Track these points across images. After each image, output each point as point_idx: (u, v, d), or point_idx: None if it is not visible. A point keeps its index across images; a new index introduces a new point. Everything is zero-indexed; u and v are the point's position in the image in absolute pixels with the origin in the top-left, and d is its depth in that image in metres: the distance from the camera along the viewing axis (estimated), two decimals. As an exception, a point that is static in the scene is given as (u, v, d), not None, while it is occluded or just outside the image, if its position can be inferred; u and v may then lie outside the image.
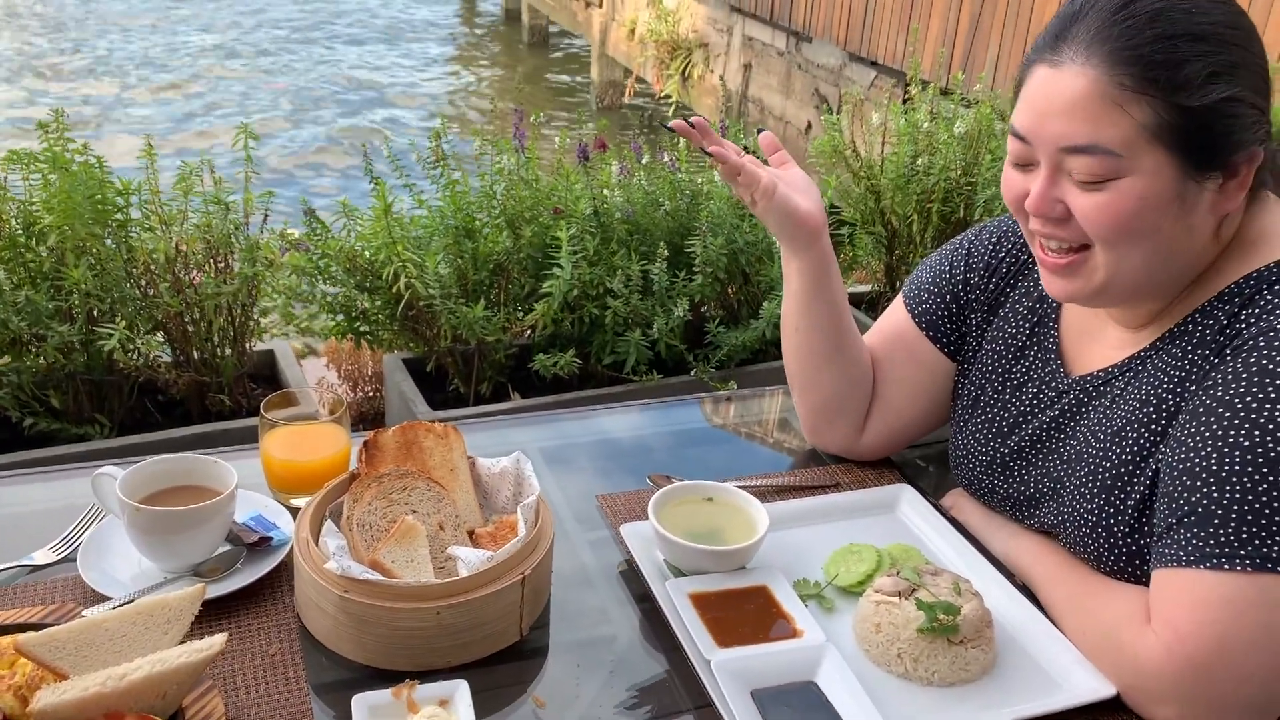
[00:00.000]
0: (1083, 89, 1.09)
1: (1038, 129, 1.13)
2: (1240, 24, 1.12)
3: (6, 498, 1.46)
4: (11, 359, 2.21)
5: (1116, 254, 1.13)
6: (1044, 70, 1.13)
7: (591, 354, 2.71)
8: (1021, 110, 1.16)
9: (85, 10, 13.58)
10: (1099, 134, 1.08)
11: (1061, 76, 1.11)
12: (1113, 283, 1.16)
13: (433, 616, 1.12)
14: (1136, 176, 1.09)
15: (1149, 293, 1.19)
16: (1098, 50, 1.09)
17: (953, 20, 5.81)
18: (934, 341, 1.48)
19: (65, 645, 1.01)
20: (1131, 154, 1.08)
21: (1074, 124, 1.10)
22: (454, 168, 2.63)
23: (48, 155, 2.25)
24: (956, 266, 1.47)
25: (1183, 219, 1.12)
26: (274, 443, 1.37)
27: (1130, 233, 1.11)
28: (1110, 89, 1.08)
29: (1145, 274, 1.15)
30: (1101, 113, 1.08)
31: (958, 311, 1.47)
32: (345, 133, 9.46)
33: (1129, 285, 1.17)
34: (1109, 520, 1.21)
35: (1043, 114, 1.13)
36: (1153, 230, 1.11)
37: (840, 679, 1.13)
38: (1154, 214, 1.10)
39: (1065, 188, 1.13)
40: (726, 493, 1.37)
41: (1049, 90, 1.12)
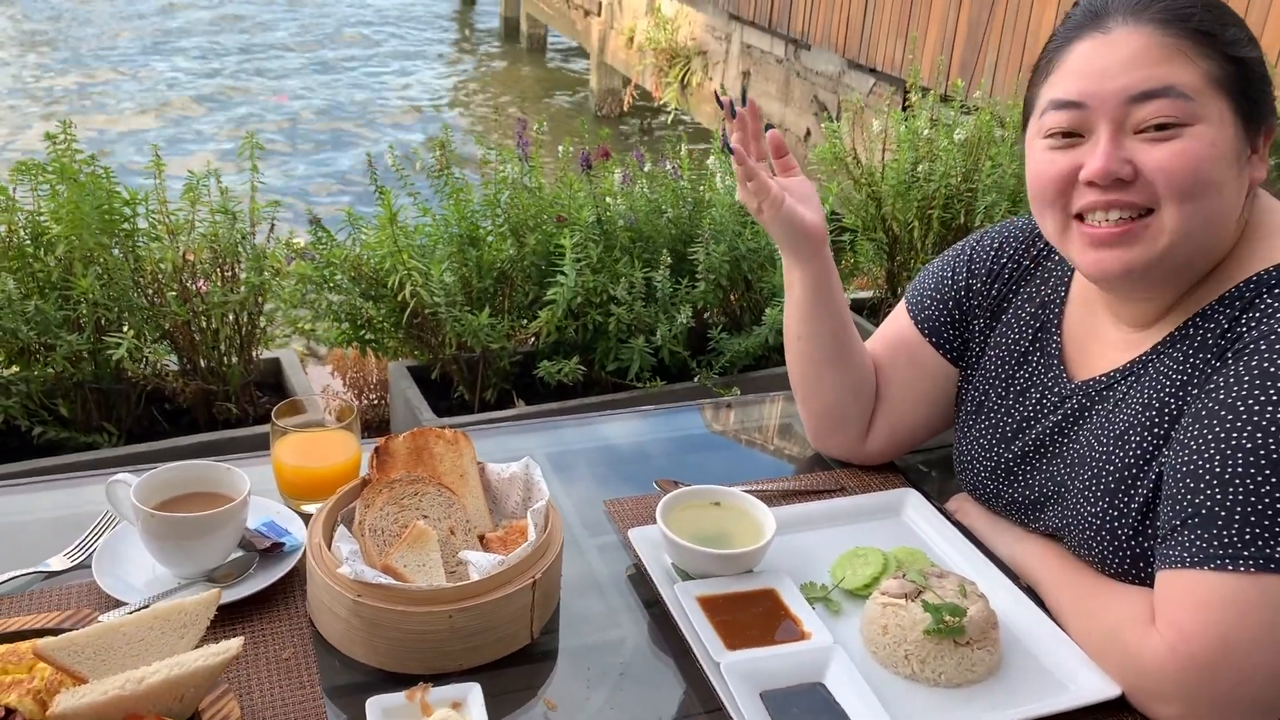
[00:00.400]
0: (1143, 41, 1.11)
1: (1097, 87, 1.13)
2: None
3: (18, 505, 1.47)
4: (20, 368, 2.23)
5: (1185, 212, 1.12)
6: (1091, 39, 1.14)
7: (595, 361, 2.73)
8: (1068, 78, 1.16)
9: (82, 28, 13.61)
10: (1169, 77, 1.10)
11: (1113, 38, 1.13)
12: (1174, 248, 1.14)
13: (445, 620, 1.13)
14: (1207, 124, 1.11)
15: (1182, 273, 1.18)
16: (1145, 15, 1.12)
17: (950, 27, 5.84)
18: (936, 347, 1.49)
19: (84, 649, 1.03)
20: (1201, 99, 1.10)
21: (1142, 70, 1.11)
22: (458, 177, 2.64)
23: (55, 166, 2.27)
24: (959, 273, 1.48)
25: (1240, 181, 1.14)
26: (285, 449, 1.39)
27: (1204, 184, 1.11)
28: (1170, 39, 1.11)
29: (1203, 239, 1.15)
30: (1167, 58, 1.10)
31: (960, 318, 1.48)
32: (350, 143, 9.50)
33: (1187, 252, 1.15)
34: (1113, 523, 1.22)
35: (1101, 73, 1.13)
36: (1220, 185, 1.12)
37: (848, 680, 1.14)
38: (1223, 166, 1.12)
39: (1130, 146, 1.13)
40: (733, 497, 1.38)
41: (1103, 51, 1.13)
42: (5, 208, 2.23)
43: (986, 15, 5.59)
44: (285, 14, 15.16)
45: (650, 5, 9.77)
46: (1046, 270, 1.42)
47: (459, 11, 16.18)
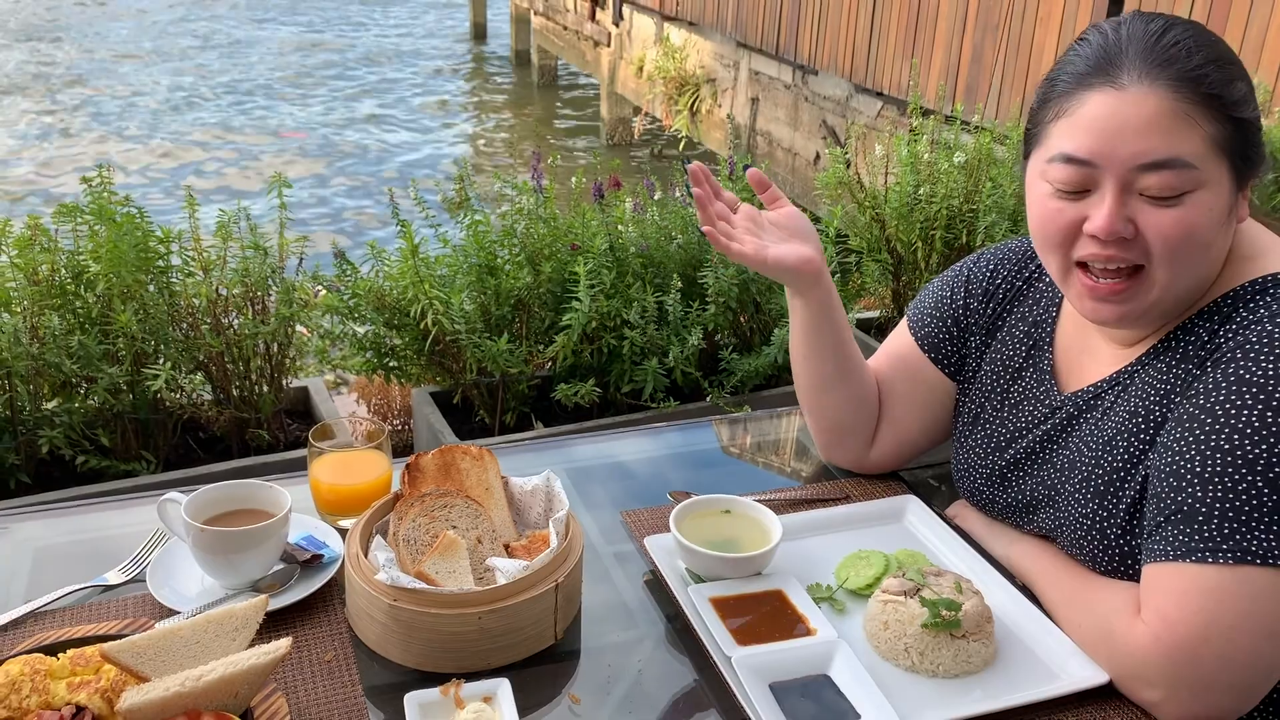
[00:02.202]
0: (1154, 107, 1.14)
1: (1109, 150, 1.16)
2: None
3: (73, 526, 1.57)
4: (63, 400, 2.34)
5: (1174, 270, 1.18)
6: (1105, 93, 1.17)
7: (610, 383, 2.81)
8: (1081, 135, 1.18)
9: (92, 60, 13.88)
10: (1177, 147, 1.14)
11: (1127, 98, 1.15)
12: (1163, 299, 1.21)
13: (475, 621, 1.21)
14: (1207, 189, 1.16)
15: (1176, 309, 1.26)
16: (1159, 74, 1.15)
17: (955, 51, 5.95)
18: (935, 363, 1.57)
19: (145, 651, 1.12)
20: (1204, 166, 1.15)
21: (1151, 140, 1.14)
22: (476, 208, 2.75)
23: (93, 208, 2.38)
24: (957, 292, 1.56)
25: (1227, 231, 1.21)
26: (322, 469, 1.48)
27: (1197, 247, 1.18)
28: (1179, 105, 1.14)
29: (1188, 288, 1.22)
30: (1176, 128, 1.14)
31: (958, 335, 1.56)
32: (366, 178, 9.69)
33: (1174, 301, 1.23)
34: (1103, 523, 1.29)
35: (1113, 134, 1.16)
36: (1210, 243, 1.19)
37: (852, 672, 1.21)
38: (1217, 225, 1.18)
39: (1134, 205, 1.17)
40: (743, 505, 1.47)
41: (1114, 111, 1.16)
42: (48, 248, 2.35)
43: (990, 39, 5.70)
44: (294, 50, 15.42)
45: (659, 35, 9.93)
46: (1039, 291, 1.50)
47: (470, 45, 16.43)
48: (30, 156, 9.94)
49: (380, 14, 18.39)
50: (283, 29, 16.69)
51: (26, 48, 14.66)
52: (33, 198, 8.70)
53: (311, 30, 16.72)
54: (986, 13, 5.71)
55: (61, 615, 1.32)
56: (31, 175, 9.40)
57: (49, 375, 2.30)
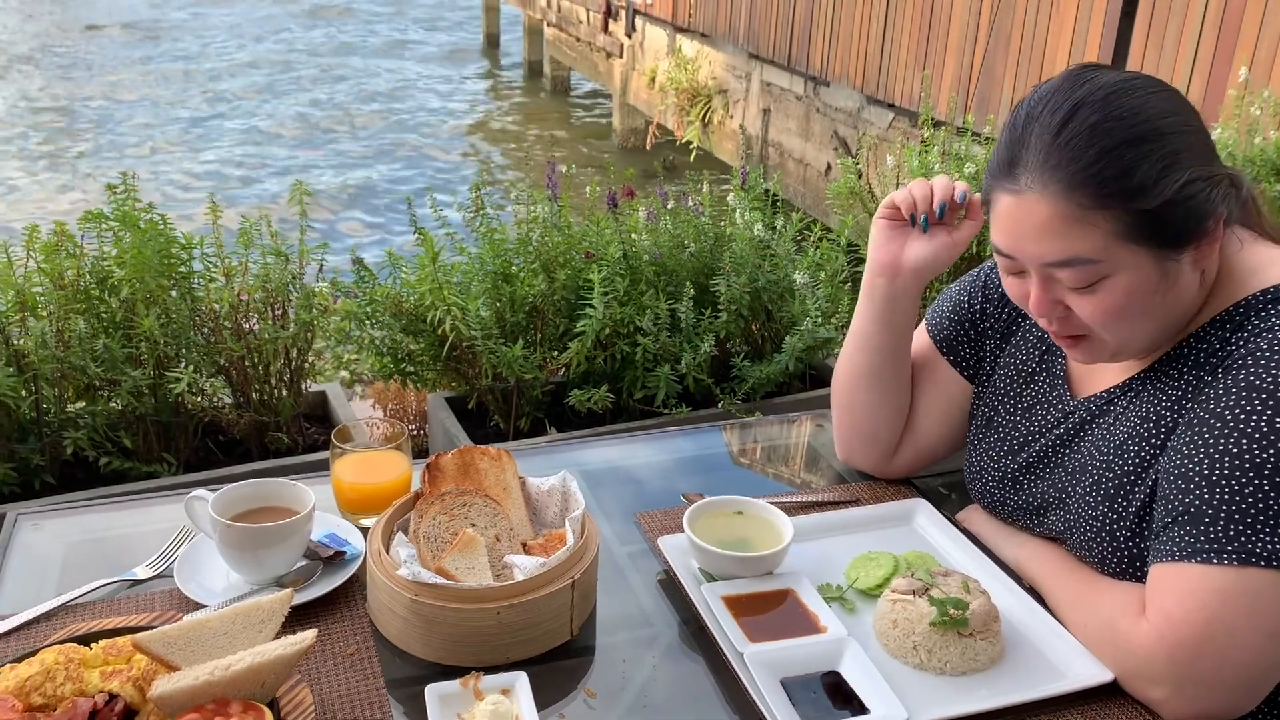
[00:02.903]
0: (1046, 213, 1.19)
1: (1019, 248, 1.24)
2: (1171, 108, 1.20)
3: (100, 524, 1.61)
4: (87, 403, 2.39)
5: (1119, 335, 1.25)
6: (1007, 198, 1.23)
7: (623, 389, 2.85)
8: (997, 232, 1.26)
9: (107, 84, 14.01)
10: (1073, 248, 1.19)
11: (1023, 203, 1.21)
12: (1124, 349, 1.28)
13: (493, 616, 1.25)
14: (1120, 274, 1.20)
15: (1160, 342, 1.31)
16: (1051, 177, 1.18)
17: (966, 63, 5.98)
18: (954, 365, 1.61)
19: (176, 641, 1.15)
20: (1109, 256, 1.19)
21: (1047, 243, 1.20)
22: (492, 217, 2.79)
23: (118, 215, 2.43)
24: (974, 296, 1.60)
25: (1172, 290, 1.23)
26: (344, 468, 1.52)
27: (1130, 317, 1.23)
28: (1071, 209, 1.17)
29: (1151, 335, 1.27)
30: (1069, 230, 1.18)
31: (975, 337, 1.59)
32: (381, 185, 9.77)
33: (1138, 348, 1.29)
34: (1112, 526, 1.32)
35: (1017, 237, 1.23)
36: (1147, 309, 1.23)
37: (861, 668, 1.24)
38: (1145, 297, 1.22)
39: (1060, 291, 1.24)
40: (755, 506, 1.50)
41: (1016, 216, 1.22)
42: (74, 254, 2.40)
43: (1002, 51, 5.73)
44: (308, 63, 15.53)
45: (671, 46, 9.99)
46: None
47: (483, 54, 16.54)
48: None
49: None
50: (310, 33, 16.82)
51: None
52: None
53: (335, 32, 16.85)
54: (999, 24, 5.74)
55: (92, 608, 1.36)
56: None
57: (73, 378, 2.34)
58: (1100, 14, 5.13)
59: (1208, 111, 4.30)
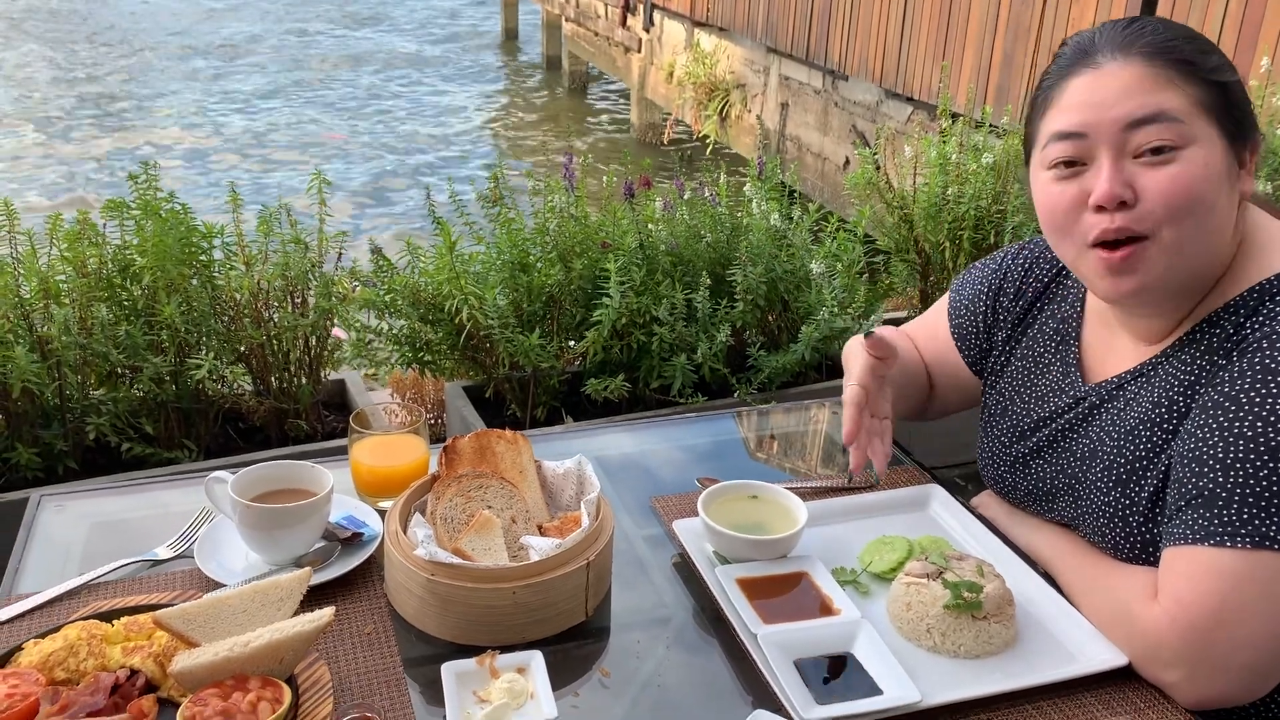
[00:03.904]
0: (1133, 73, 1.22)
1: (1095, 118, 1.22)
2: None
3: (122, 505, 1.63)
4: (109, 389, 2.41)
5: (1182, 232, 1.21)
6: (1084, 75, 1.25)
7: (640, 378, 2.86)
8: (1067, 111, 1.25)
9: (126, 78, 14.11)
10: (1160, 103, 1.20)
11: (1105, 72, 1.23)
12: (1172, 269, 1.23)
13: (509, 596, 1.26)
14: (1198, 145, 1.20)
15: (1184, 291, 1.28)
16: (1134, 49, 1.23)
17: (986, 55, 5.95)
18: (960, 352, 1.63)
19: (196, 618, 1.17)
20: (1190, 121, 1.20)
21: (1135, 99, 1.21)
22: (510, 206, 2.81)
23: (140, 203, 2.46)
24: (991, 287, 1.60)
25: (1230, 196, 1.24)
26: (362, 451, 1.53)
27: (1200, 204, 1.20)
28: (1157, 70, 1.21)
29: (1197, 258, 1.24)
30: (1158, 87, 1.21)
31: (984, 330, 1.60)
32: (403, 178, 9.82)
33: (1184, 272, 1.25)
34: (1125, 511, 1.32)
35: (1099, 103, 1.22)
36: (1214, 204, 1.21)
37: (875, 650, 1.25)
38: (1217, 184, 1.21)
39: (1131, 170, 1.22)
40: (769, 491, 1.50)
41: (1098, 84, 1.23)
42: (96, 243, 2.42)
43: (1021, 43, 5.69)
44: (321, 52, 15.59)
45: (689, 40, 9.98)
46: (1065, 288, 1.53)
47: (501, 49, 16.56)
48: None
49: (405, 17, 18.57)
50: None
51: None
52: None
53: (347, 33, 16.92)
54: (1018, 17, 5.70)
55: (114, 587, 1.38)
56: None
57: (96, 365, 2.37)
58: (1121, 5, 5.10)
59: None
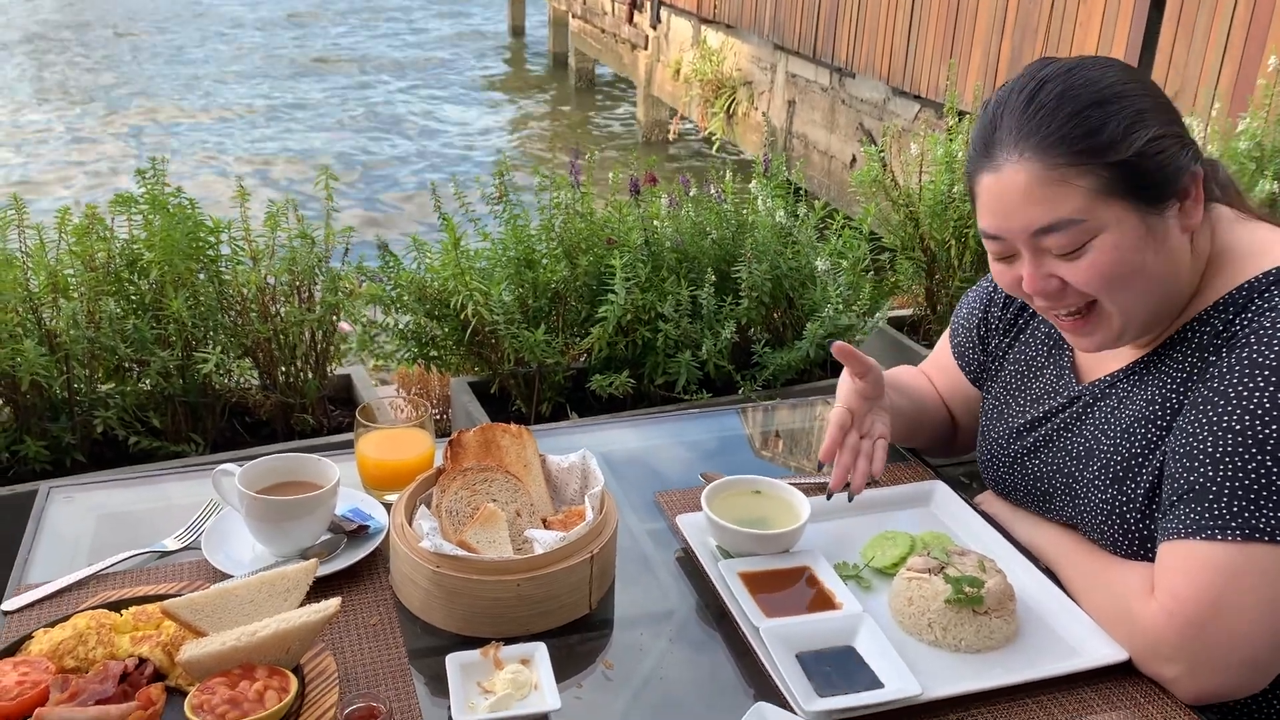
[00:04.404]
0: (1025, 180, 1.22)
1: (1005, 225, 1.26)
2: (1131, 76, 1.26)
3: (130, 498, 1.65)
4: (117, 383, 2.43)
5: (1119, 299, 1.26)
6: (987, 177, 1.26)
7: (644, 375, 2.86)
8: (983, 214, 1.29)
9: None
10: (1057, 210, 1.21)
11: (1002, 177, 1.24)
12: (1128, 323, 1.28)
13: (513, 588, 1.27)
14: (1106, 232, 1.22)
15: (1160, 318, 1.31)
16: (1025, 144, 1.22)
17: (993, 54, 5.94)
18: (962, 370, 1.68)
19: (203, 608, 1.18)
20: (1092, 215, 1.21)
21: (1032, 210, 1.22)
22: (515, 203, 2.81)
23: (148, 198, 2.47)
24: (983, 301, 1.65)
25: (1161, 249, 1.24)
26: (368, 445, 1.55)
27: (1121, 279, 1.24)
28: (1049, 172, 1.21)
29: (1151, 305, 1.28)
30: (1051, 193, 1.21)
31: (980, 341, 1.65)
32: (403, 172, 9.84)
33: (1142, 319, 1.29)
34: (1121, 508, 1.33)
35: (1003, 211, 1.25)
36: (1140, 268, 1.24)
37: (876, 643, 1.25)
38: (1135, 255, 1.23)
39: (1051, 263, 1.26)
40: (772, 486, 1.51)
41: (998, 190, 1.25)
42: (104, 237, 2.44)
43: (1029, 42, 5.69)
44: (330, 48, 15.60)
45: (696, 37, 9.98)
46: None
47: (508, 46, 16.57)
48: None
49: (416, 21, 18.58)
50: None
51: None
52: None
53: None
54: (1025, 15, 5.70)
55: (122, 578, 1.39)
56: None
57: (104, 358, 2.38)
58: (1129, 3, 5.09)
59: (1237, 101, 4.26)
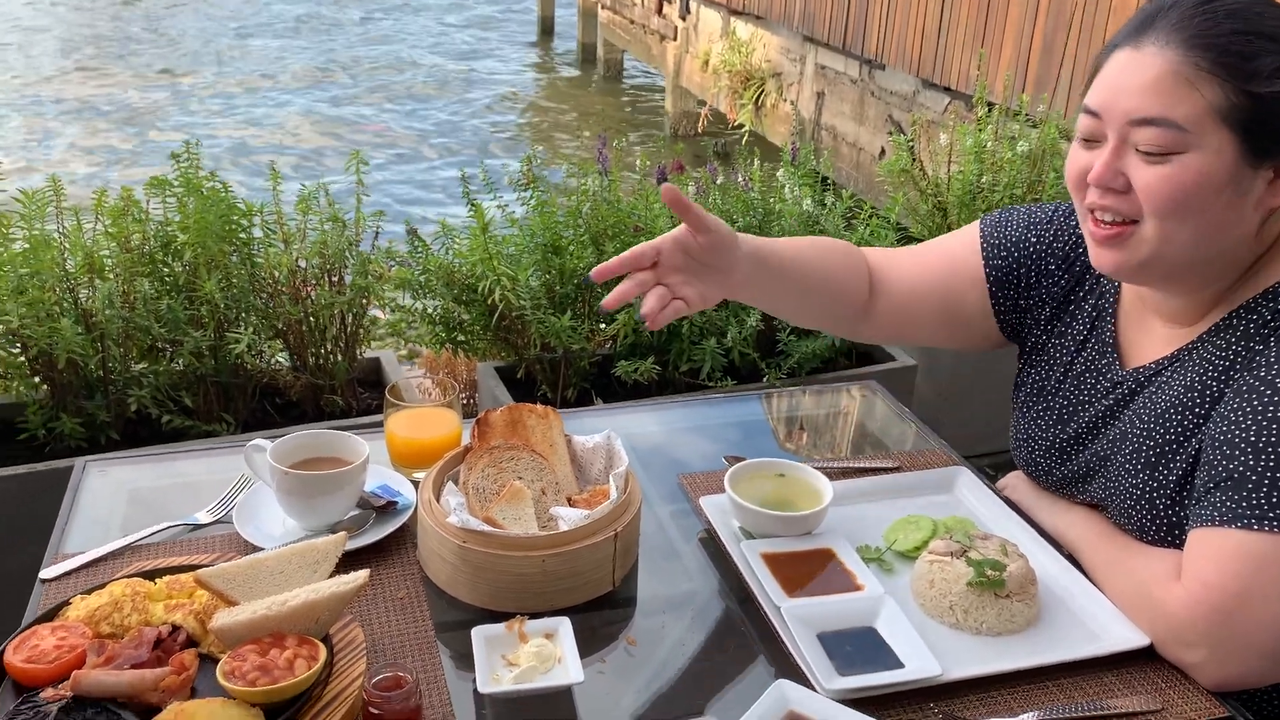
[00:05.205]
0: (1159, 66, 1.19)
1: (1111, 103, 1.23)
2: None
3: (163, 472, 1.68)
4: (150, 363, 2.47)
5: (1165, 229, 1.22)
6: (1125, 53, 1.23)
7: (669, 362, 2.87)
8: (1096, 88, 1.26)
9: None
10: (1169, 108, 1.18)
11: (1140, 56, 1.21)
12: (1157, 258, 1.25)
13: (539, 564, 1.29)
14: (1199, 153, 1.19)
15: (1186, 277, 1.29)
16: (1177, 35, 1.19)
17: (1025, 44, 5.89)
18: (992, 297, 1.54)
19: (235, 578, 1.20)
20: (1198, 130, 1.18)
21: (1146, 98, 1.20)
22: (543, 190, 2.83)
23: (182, 181, 2.51)
24: (1042, 240, 1.52)
25: (1233, 205, 1.21)
26: (398, 423, 1.57)
27: (1183, 207, 1.20)
28: (1185, 68, 1.18)
29: (1188, 254, 1.25)
30: (1174, 89, 1.18)
31: (1025, 289, 1.53)
32: (433, 158, 9.90)
33: (1171, 263, 1.26)
34: (1152, 494, 1.32)
35: (1118, 90, 1.22)
36: (1203, 209, 1.21)
37: (897, 625, 1.26)
38: (1208, 192, 1.20)
39: (1129, 161, 1.22)
40: (796, 469, 1.52)
41: (1127, 68, 1.22)
42: (139, 219, 2.48)
43: (1062, 31, 5.64)
44: (357, 39, 15.66)
45: (725, 29, 9.96)
46: None
47: (537, 41, 16.58)
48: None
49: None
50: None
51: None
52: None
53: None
54: (1058, 6, 5.65)
55: (155, 549, 1.42)
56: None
57: (138, 338, 2.42)
58: (1164, -5, 5.03)
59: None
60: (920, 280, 1.59)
